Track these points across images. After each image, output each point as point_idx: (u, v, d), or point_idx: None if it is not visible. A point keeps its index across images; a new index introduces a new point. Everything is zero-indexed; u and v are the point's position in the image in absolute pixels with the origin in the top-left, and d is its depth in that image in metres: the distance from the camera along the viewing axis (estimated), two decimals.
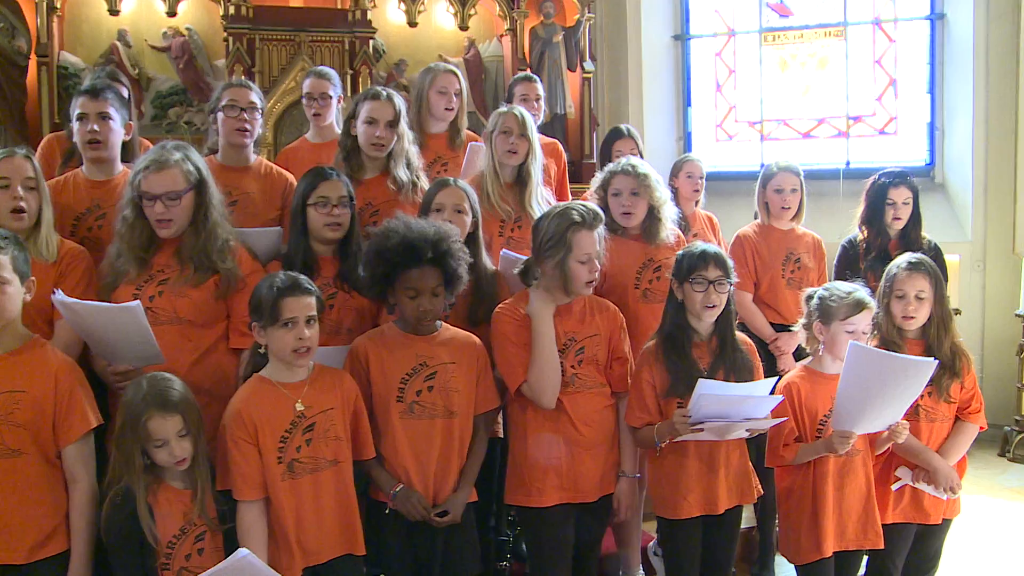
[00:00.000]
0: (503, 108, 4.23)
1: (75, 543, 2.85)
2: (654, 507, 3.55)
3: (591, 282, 3.35)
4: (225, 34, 6.65)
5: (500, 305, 3.42)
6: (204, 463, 2.89)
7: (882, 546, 3.50)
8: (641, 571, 4.09)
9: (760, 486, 3.57)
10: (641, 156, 4.81)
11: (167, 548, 2.81)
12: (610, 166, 3.97)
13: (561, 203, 3.62)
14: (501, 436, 3.67)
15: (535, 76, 5.54)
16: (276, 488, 2.92)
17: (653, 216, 3.87)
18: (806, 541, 3.46)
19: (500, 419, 3.63)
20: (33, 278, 2.92)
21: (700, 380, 3.16)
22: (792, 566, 3.61)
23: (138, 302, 3.00)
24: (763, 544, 4.58)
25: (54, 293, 3.01)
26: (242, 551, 2.64)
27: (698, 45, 8.38)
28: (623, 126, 5.17)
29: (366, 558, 3.12)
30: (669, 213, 3.92)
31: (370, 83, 6.68)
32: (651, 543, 4.26)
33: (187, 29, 6.84)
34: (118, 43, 6.70)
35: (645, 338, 3.62)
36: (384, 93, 3.92)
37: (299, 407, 2.96)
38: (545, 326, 3.32)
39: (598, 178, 4.01)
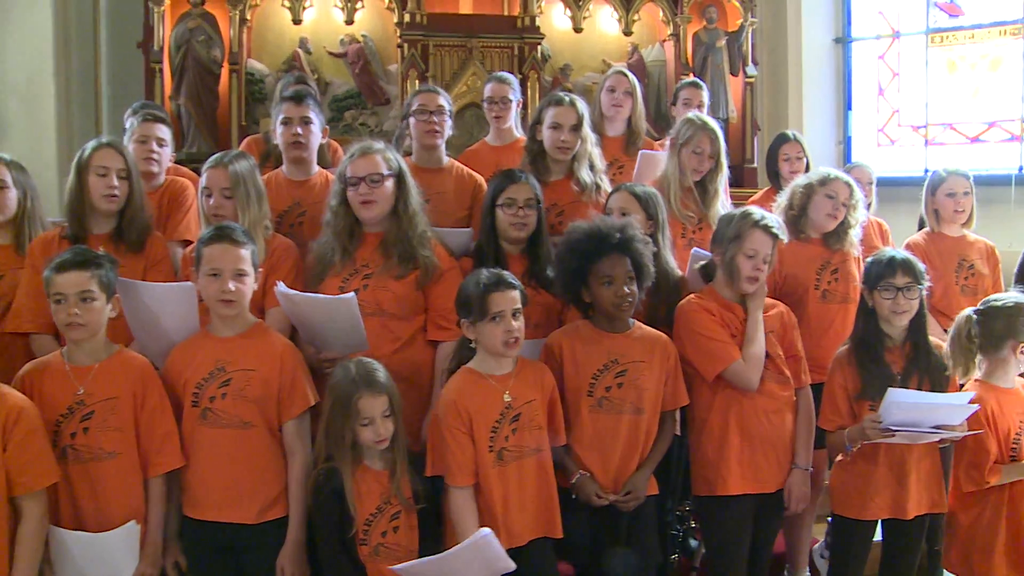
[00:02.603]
0: (692, 116, 4.29)
1: (293, 509, 3.09)
2: (835, 506, 3.58)
3: (753, 279, 3.40)
4: (399, 41, 6.96)
5: (685, 300, 3.51)
6: (402, 445, 3.08)
7: None
8: (807, 573, 4.11)
9: None
10: (807, 162, 4.86)
11: (364, 525, 2.99)
12: (825, 175, 3.98)
13: (745, 206, 3.70)
14: (678, 433, 3.77)
15: (701, 82, 5.64)
16: (487, 475, 3.08)
17: (846, 222, 3.95)
18: (999, 566, 3.39)
19: (677, 415, 3.72)
20: (260, 270, 3.19)
21: (890, 389, 3.20)
22: None
23: (353, 294, 3.22)
24: (931, 558, 4.52)
25: (276, 285, 3.26)
26: (484, 530, 2.84)
27: (860, 48, 8.27)
28: (789, 132, 5.17)
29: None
30: (861, 219, 3.98)
31: (538, 88, 6.90)
32: (817, 545, 4.26)
33: (363, 36, 7.17)
34: (300, 50, 7.10)
35: (824, 338, 3.67)
36: (568, 98, 4.08)
37: (507, 398, 3.11)
38: (759, 303, 3.43)
39: (809, 181, 4.00)
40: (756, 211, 3.49)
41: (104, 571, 2.94)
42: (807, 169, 4.71)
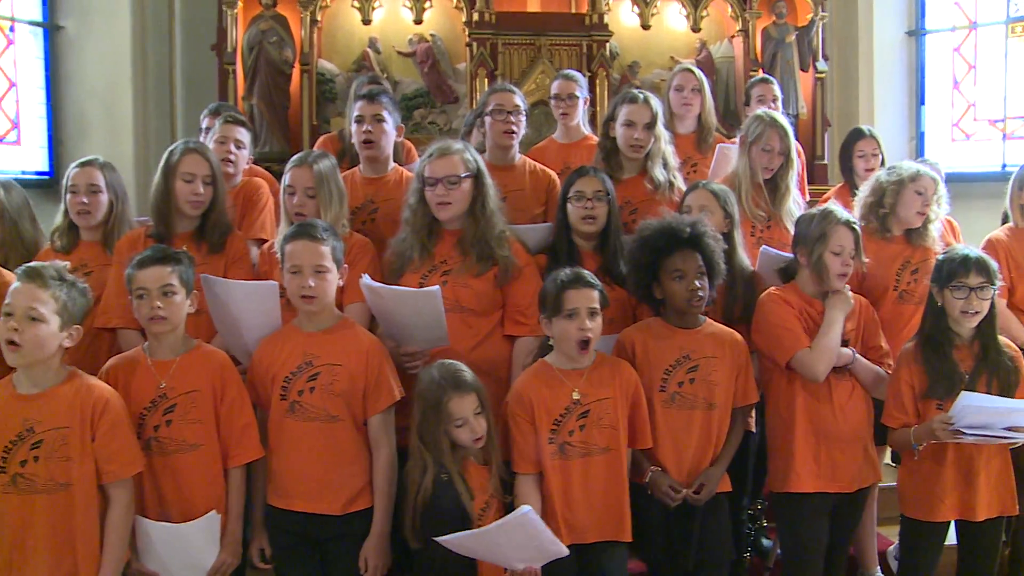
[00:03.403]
0: (760, 112, 4.30)
1: (378, 502, 3.15)
2: (904, 507, 3.54)
3: (843, 275, 3.42)
4: (468, 39, 6.99)
5: (765, 292, 3.52)
6: (495, 438, 3.13)
7: None
8: (879, 572, 4.06)
9: None
10: (883, 158, 4.79)
11: (478, 521, 3.04)
12: (914, 171, 3.93)
13: (825, 204, 3.67)
14: (753, 431, 3.76)
15: (772, 78, 5.60)
16: (547, 466, 3.13)
17: (928, 218, 3.91)
18: None
19: (752, 413, 3.70)
20: (346, 266, 3.25)
21: (963, 392, 3.17)
22: None
23: (438, 287, 3.27)
24: (1012, 564, 4.42)
25: (360, 278, 3.32)
26: (524, 507, 2.87)
27: (934, 40, 8.10)
28: (864, 127, 5.11)
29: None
30: (942, 214, 3.95)
31: (606, 85, 6.90)
32: (892, 547, 4.21)
33: (431, 35, 7.21)
34: (369, 50, 7.16)
35: (897, 339, 3.62)
36: (642, 96, 4.09)
37: (575, 395, 3.15)
38: (840, 304, 3.43)
39: (899, 177, 3.92)
40: (837, 208, 3.50)
41: (186, 560, 3.02)
42: (882, 165, 4.65)
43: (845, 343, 3.45)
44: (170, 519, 3.00)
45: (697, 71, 4.84)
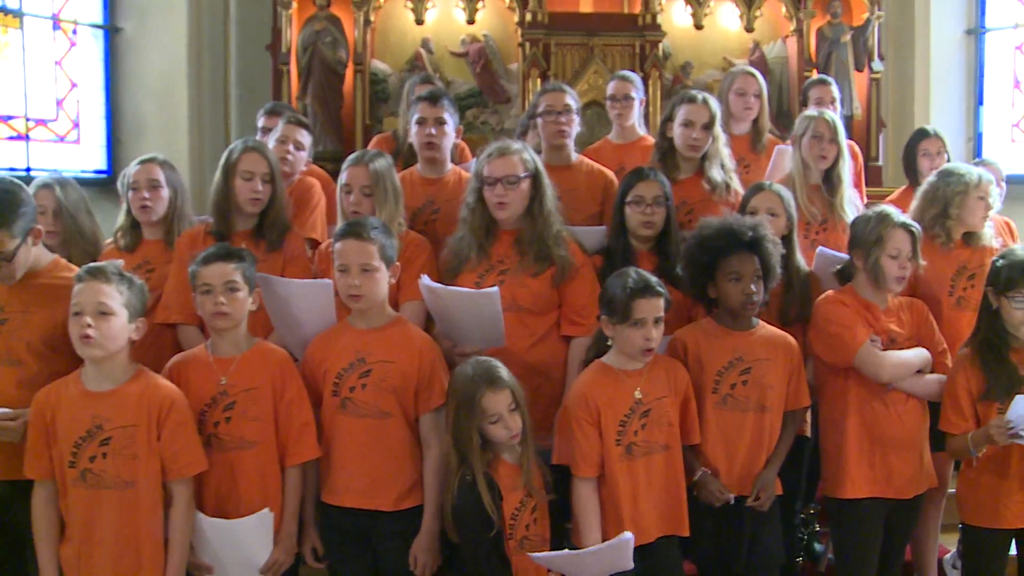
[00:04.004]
0: (811, 112, 4.30)
1: (428, 499, 3.16)
2: (965, 515, 3.49)
3: (901, 278, 3.38)
4: (520, 40, 7.01)
5: (822, 296, 3.50)
6: (530, 437, 3.11)
7: None
8: None
9: None
10: (948, 157, 4.72)
11: (511, 520, 3.04)
12: (978, 178, 3.83)
13: (880, 206, 3.63)
14: (808, 435, 3.72)
15: (830, 79, 5.54)
16: (613, 468, 3.12)
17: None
18: None
19: (808, 416, 3.68)
20: (398, 263, 3.26)
21: (1018, 396, 3.13)
22: None
23: (496, 288, 3.28)
24: None
25: (420, 278, 3.34)
26: (627, 534, 2.92)
27: (994, 39, 7.93)
28: (928, 127, 5.04)
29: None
30: (993, 213, 3.89)
31: (659, 86, 6.89)
32: (949, 555, 4.16)
33: (484, 36, 7.24)
34: (422, 50, 7.21)
35: (954, 348, 3.56)
36: (700, 96, 4.07)
37: (637, 394, 3.14)
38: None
39: (965, 186, 3.82)
40: (893, 211, 3.47)
41: (239, 556, 3.06)
42: None
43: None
44: (226, 515, 3.04)
45: (759, 75, 4.81)
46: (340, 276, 3.14)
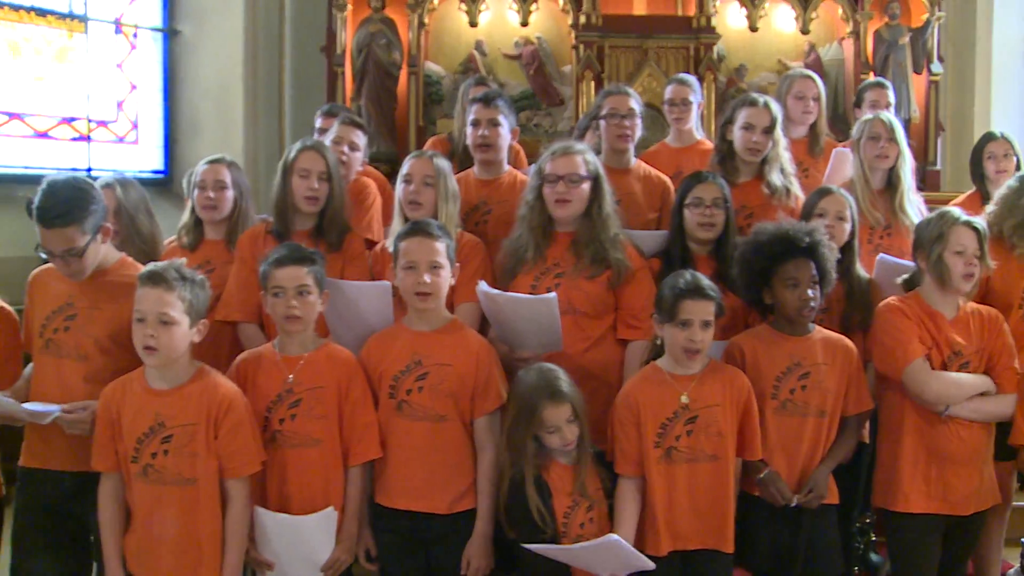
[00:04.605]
0: (868, 115, 4.26)
1: (481, 503, 3.16)
2: None
3: (968, 276, 3.30)
4: (574, 42, 7.00)
5: (884, 302, 3.43)
6: (587, 443, 3.11)
7: None
8: None
9: None
10: (1018, 160, 4.62)
11: (563, 519, 3.04)
12: None
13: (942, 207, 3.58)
14: (867, 441, 3.67)
15: (887, 82, 5.48)
16: (651, 470, 3.10)
17: None
18: None
19: (867, 424, 3.62)
20: (458, 265, 3.28)
21: None
22: None
23: (554, 294, 3.28)
24: None
25: (478, 284, 3.35)
26: (612, 536, 2.90)
27: None
28: (997, 131, 4.92)
29: None
30: None
31: (713, 88, 6.83)
32: (1012, 569, 4.09)
33: (537, 38, 7.24)
34: (475, 52, 7.22)
35: None
36: (762, 100, 4.04)
37: (684, 399, 3.12)
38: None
39: None
40: (955, 209, 3.41)
41: (302, 553, 3.08)
42: (1017, 168, 4.48)
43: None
44: (288, 511, 3.07)
45: (817, 79, 4.77)
46: (407, 274, 3.15)
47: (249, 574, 3.15)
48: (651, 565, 2.97)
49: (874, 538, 4.16)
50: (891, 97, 5.20)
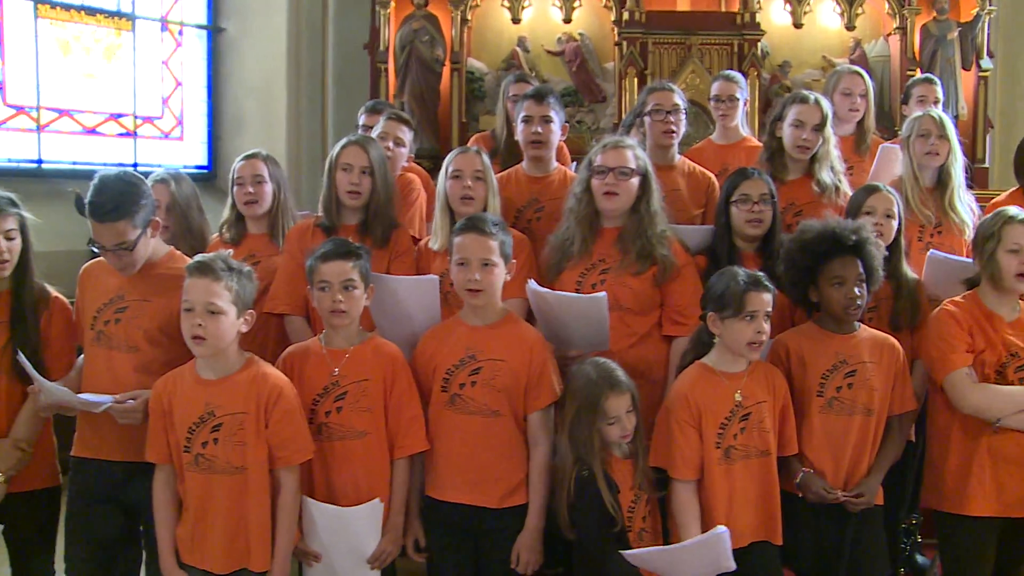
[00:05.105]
0: (918, 112, 4.21)
1: (533, 498, 3.16)
2: None
3: (1022, 275, 3.24)
4: (617, 38, 6.99)
5: (944, 303, 3.38)
6: (641, 435, 3.13)
7: None
8: None
9: None
10: None
11: (628, 513, 3.05)
12: None
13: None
14: (913, 439, 3.63)
15: (935, 78, 5.40)
16: (712, 471, 3.09)
17: None
18: None
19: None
20: (514, 261, 3.28)
21: None
22: None
23: (604, 294, 3.28)
24: None
25: (527, 282, 3.35)
26: (720, 528, 2.88)
27: None
28: None
29: None
30: None
31: (757, 86, 6.79)
32: None
33: (580, 34, 7.25)
34: (518, 49, 7.24)
35: None
36: (812, 97, 4.01)
37: (738, 397, 3.11)
38: None
39: None
40: (1014, 209, 3.35)
41: (348, 544, 3.10)
42: None
43: None
44: (335, 503, 3.09)
45: (866, 75, 4.71)
46: (459, 270, 3.15)
47: (296, 566, 3.17)
48: (733, 565, 2.94)
49: (920, 540, 4.10)
50: (939, 93, 5.14)
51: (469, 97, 7.12)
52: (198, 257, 3.01)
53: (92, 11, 7.02)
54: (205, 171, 7.75)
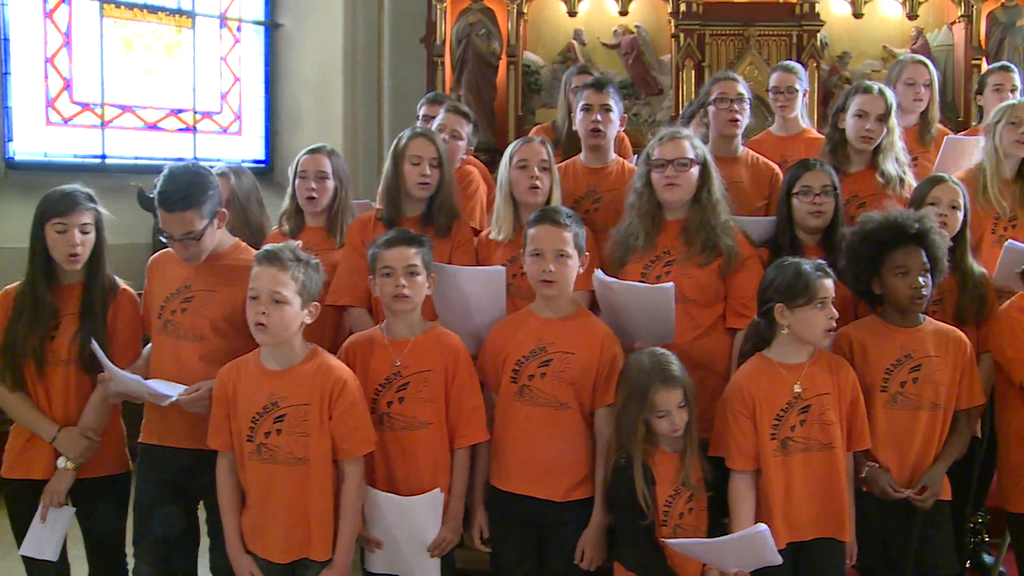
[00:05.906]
0: (1012, 100, 4.12)
1: (599, 493, 3.15)
2: None
3: None
4: (674, 30, 6.97)
5: (1015, 298, 3.32)
6: (694, 432, 3.08)
7: None
8: None
9: None
10: None
11: (664, 506, 3.02)
12: None
13: None
14: (979, 436, 3.57)
15: (1012, 65, 5.24)
16: (768, 463, 3.05)
17: None
18: None
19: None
20: (587, 254, 3.27)
21: None
22: None
23: (671, 284, 3.25)
24: None
25: (594, 272, 3.32)
26: (761, 526, 2.85)
27: None
28: None
29: None
30: None
31: (816, 77, 6.72)
32: None
33: (636, 27, 7.24)
34: (574, 42, 7.26)
35: None
36: (876, 87, 3.94)
37: (797, 388, 3.07)
38: None
39: None
40: None
41: (409, 532, 3.12)
42: None
43: None
44: (397, 492, 3.11)
45: (930, 64, 4.61)
46: (533, 261, 3.16)
47: (357, 552, 3.20)
48: (780, 560, 2.92)
49: (986, 538, 4.02)
50: (1017, 81, 4.98)
51: (525, 90, 7.16)
52: (268, 246, 3.04)
53: (154, 9, 7.16)
54: (262, 165, 7.85)
